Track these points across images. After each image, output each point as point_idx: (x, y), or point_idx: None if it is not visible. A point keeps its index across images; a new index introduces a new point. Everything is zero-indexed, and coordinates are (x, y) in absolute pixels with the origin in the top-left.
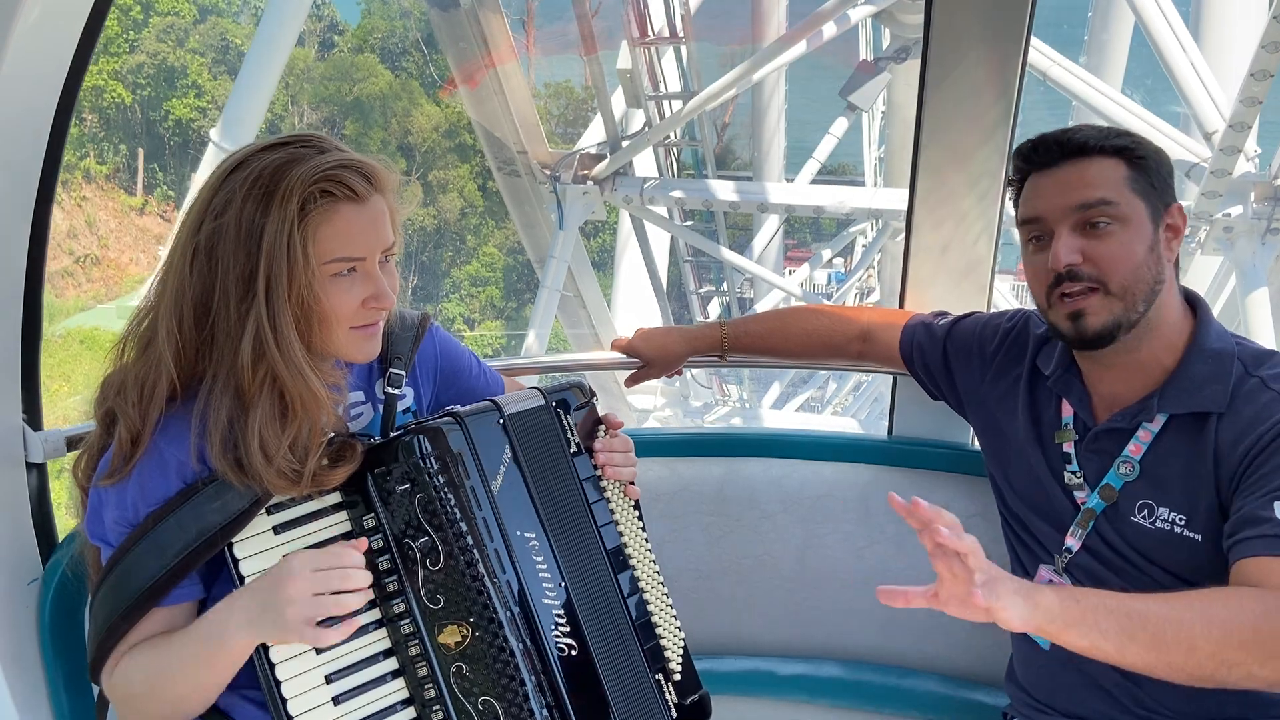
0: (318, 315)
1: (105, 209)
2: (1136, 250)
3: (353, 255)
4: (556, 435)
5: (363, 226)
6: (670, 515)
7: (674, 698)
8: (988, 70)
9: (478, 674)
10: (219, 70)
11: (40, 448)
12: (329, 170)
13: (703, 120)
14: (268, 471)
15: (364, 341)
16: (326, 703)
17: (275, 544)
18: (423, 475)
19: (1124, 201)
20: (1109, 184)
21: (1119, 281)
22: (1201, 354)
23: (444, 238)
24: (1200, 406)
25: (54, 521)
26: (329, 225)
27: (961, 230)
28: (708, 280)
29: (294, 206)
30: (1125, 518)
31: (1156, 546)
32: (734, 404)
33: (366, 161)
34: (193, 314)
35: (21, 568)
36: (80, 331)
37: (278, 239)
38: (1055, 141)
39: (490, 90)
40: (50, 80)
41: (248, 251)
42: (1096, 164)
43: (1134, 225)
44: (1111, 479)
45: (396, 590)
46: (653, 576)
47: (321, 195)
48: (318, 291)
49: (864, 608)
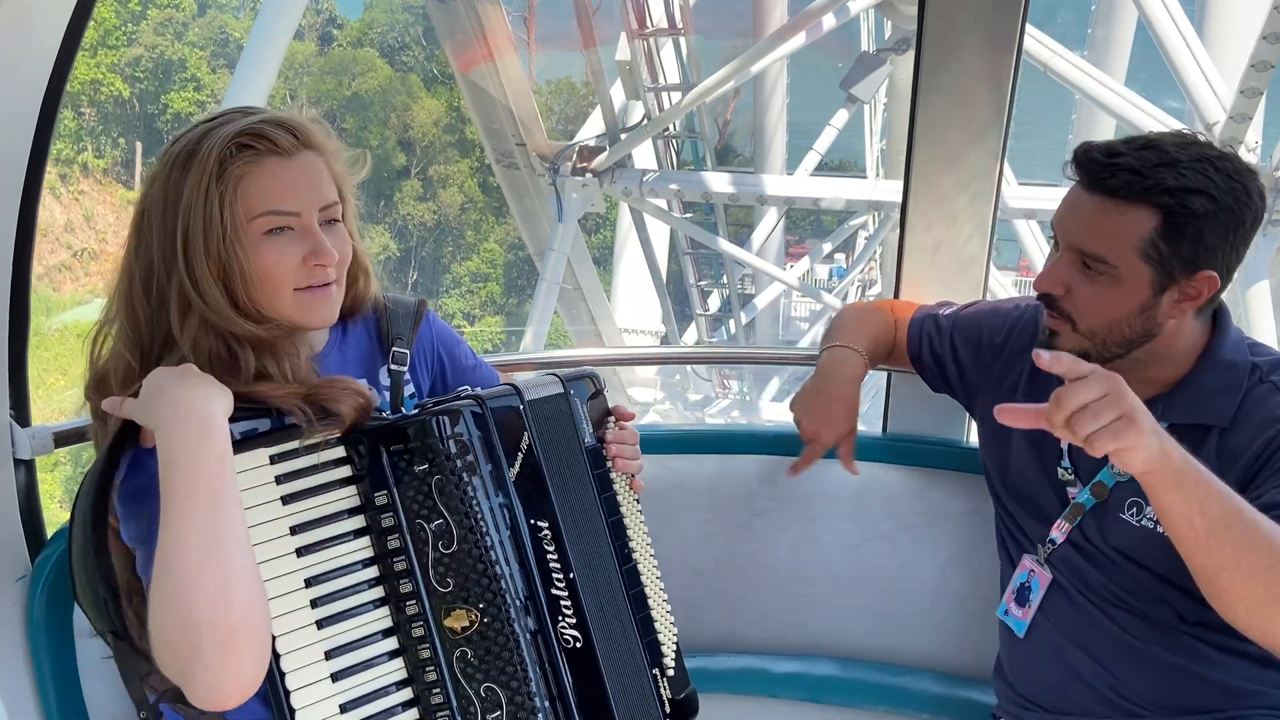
0: (251, 276)
1: (103, 203)
2: (1117, 309)
3: (281, 209)
4: (572, 424)
5: (291, 180)
6: (663, 512)
7: (668, 693)
8: (980, 71)
9: (482, 660)
10: (218, 64)
11: (28, 444)
12: (251, 125)
13: (702, 112)
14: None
15: (313, 303)
16: (325, 679)
17: (281, 514)
18: (441, 457)
19: (1124, 266)
20: (1117, 243)
21: (1088, 326)
22: (1214, 364)
23: (444, 233)
24: (1204, 419)
25: (42, 518)
26: (251, 179)
27: (953, 231)
28: (708, 274)
29: (211, 163)
30: (1113, 514)
31: (1140, 545)
32: (734, 397)
33: (292, 118)
34: (142, 291)
35: (9, 565)
36: (78, 326)
37: (194, 196)
38: (1095, 172)
39: (488, 82)
40: (35, 74)
41: (171, 214)
42: (1119, 214)
43: (1126, 288)
44: (1104, 476)
45: (405, 570)
46: (651, 570)
47: (241, 149)
48: (244, 249)
49: (858, 604)
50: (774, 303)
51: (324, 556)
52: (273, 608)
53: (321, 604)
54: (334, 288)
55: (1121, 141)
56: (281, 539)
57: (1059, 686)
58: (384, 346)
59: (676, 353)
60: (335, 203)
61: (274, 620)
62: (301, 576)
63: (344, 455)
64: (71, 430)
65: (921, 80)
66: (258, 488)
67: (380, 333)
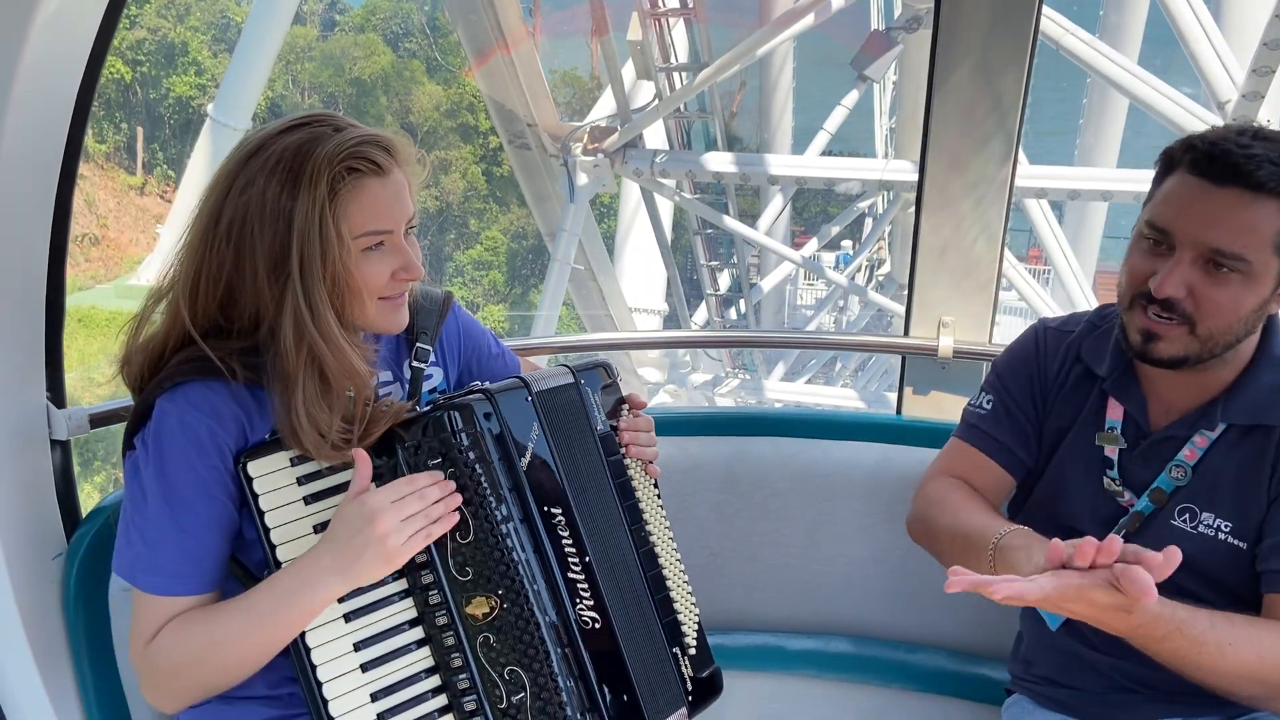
0: (350, 290)
1: (105, 188)
2: (1244, 306)
3: (381, 229)
4: (584, 413)
5: (388, 200)
6: (680, 493)
7: (689, 671)
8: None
9: (504, 645)
10: (219, 49)
11: (64, 425)
12: (353, 147)
13: (714, 92)
14: (322, 446)
15: (393, 313)
16: (354, 669)
17: (306, 514)
18: (453, 450)
19: (1259, 261)
20: (1257, 237)
21: (1209, 328)
22: (1271, 362)
23: (447, 221)
24: (1266, 419)
25: (77, 497)
26: (357, 201)
27: (959, 234)
28: (719, 254)
29: (324, 186)
30: (1165, 521)
31: (1195, 552)
32: (744, 376)
33: (385, 135)
34: (214, 295)
35: (46, 542)
36: (78, 310)
37: (309, 219)
38: (1234, 164)
39: (500, 62)
40: (72, 66)
41: (276, 232)
42: (1260, 208)
43: (1255, 282)
44: (1162, 482)
45: (425, 561)
46: (671, 553)
47: (349, 173)
48: (350, 267)
49: (872, 584)
50: (780, 290)
51: None
52: None
53: (348, 598)
54: (407, 294)
55: (1234, 133)
56: (305, 538)
57: (1076, 666)
58: (410, 342)
59: (688, 336)
60: (416, 213)
61: None
62: None
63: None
64: (108, 412)
65: (934, 85)
66: (282, 489)
67: (408, 328)
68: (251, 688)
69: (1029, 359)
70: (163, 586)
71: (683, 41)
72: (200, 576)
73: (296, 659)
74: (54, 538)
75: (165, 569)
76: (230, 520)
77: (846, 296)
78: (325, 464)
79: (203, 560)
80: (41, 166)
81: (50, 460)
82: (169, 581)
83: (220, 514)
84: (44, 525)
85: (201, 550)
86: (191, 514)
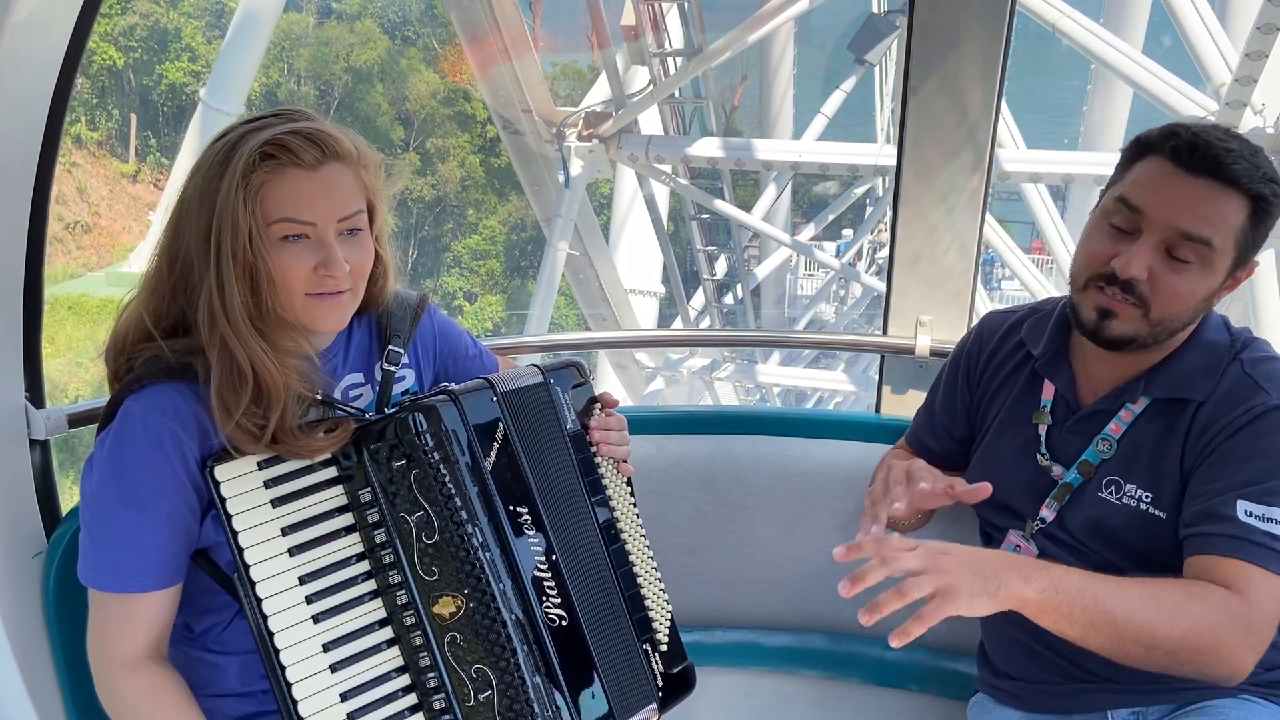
0: (267, 277)
1: (97, 176)
2: (1198, 293)
3: (298, 219)
4: (553, 412)
5: (310, 192)
6: (659, 491)
7: (660, 667)
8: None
9: (471, 643)
10: (213, 35)
11: (43, 425)
12: (278, 136)
13: (709, 77)
14: (227, 425)
15: (322, 310)
16: (324, 670)
17: (274, 517)
18: (418, 451)
19: (1221, 250)
20: (1224, 227)
21: (1162, 312)
22: (1197, 344)
23: (444, 210)
24: (1184, 393)
25: (57, 496)
26: (272, 188)
27: (931, 243)
28: (715, 240)
29: (239, 169)
30: (1093, 493)
31: (1121, 523)
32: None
33: (323, 130)
34: (169, 285)
35: (26, 541)
36: (69, 298)
37: (226, 199)
38: (1213, 157)
39: (494, 49)
40: (50, 55)
41: (201, 215)
42: (1230, 201)
43: (1210, 272)
44: (1090, 455)
45: (392, 562)
46: (643, 550)
47: (265, 159)
48: (264, 253)
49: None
50: (781, 280)
51: (315, 555)
52: (269, 606)
53: (315, 600)
54: (346, 296)
55: (1213, 130)
56: (274, 540)
57: (1027, 659)
58: (382, 344)
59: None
60: (358, 212)
61: (272, 618)
62: (295, 575)
63: (329, 457)
64: (86, 412)
65: (909, 93)
66: (249, 493)
67: (380, 330)
68: (224, 684)
69: (966, 345)
70: (120, 584)
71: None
72: (152, 572)
73: (266, 659)
74: (34, 537)
75: (121, 567)
76: (185, 522)
77: (846, 284)
78: (264, 456)
79: (157, 555)
80: (17, 163)
81: (29, 460)
82: (126, 579)
83: (173, 515)
84: (23, 524)
85: (155, 545)
86: (145, 513)
